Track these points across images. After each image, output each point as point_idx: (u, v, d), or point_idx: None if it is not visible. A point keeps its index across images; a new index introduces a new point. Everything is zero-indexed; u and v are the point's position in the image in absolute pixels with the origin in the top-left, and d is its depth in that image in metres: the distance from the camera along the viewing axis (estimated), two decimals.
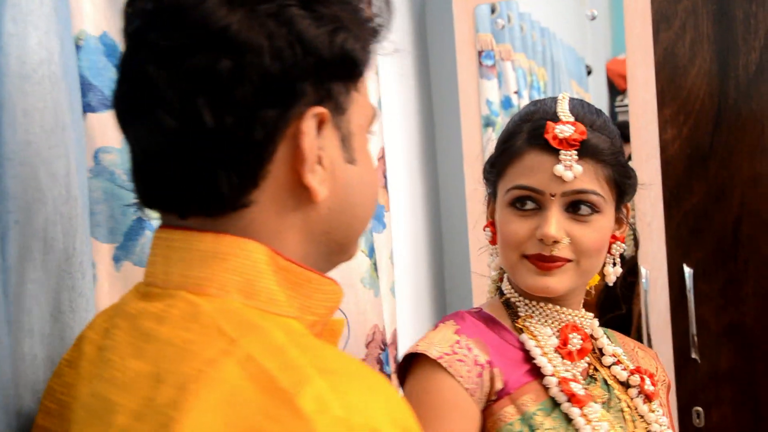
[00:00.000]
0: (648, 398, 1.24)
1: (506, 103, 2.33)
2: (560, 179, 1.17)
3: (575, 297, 1.26)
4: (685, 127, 1.94)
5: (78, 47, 0.98)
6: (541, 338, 1.23)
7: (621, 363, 1.26)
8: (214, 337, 0.68)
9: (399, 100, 2.19)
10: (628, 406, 1.24)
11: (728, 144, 1.92)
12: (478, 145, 2.18)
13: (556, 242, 1.17)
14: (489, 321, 1.27)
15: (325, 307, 0.79)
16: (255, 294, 0.74)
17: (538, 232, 1.18)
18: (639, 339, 1.95)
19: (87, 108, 0.99)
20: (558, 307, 1.24)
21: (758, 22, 1.88)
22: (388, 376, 1.51)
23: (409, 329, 2.11)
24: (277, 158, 0.74)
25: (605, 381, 1.25)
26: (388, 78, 2.09)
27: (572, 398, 1.17)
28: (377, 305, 1.49)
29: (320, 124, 0.75)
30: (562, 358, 1.22)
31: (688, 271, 1.94)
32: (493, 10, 2.29)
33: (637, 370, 1.25)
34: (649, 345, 1.96)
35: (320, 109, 0.74)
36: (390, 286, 1.65)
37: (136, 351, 0.72)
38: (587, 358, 1.25)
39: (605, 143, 1.19)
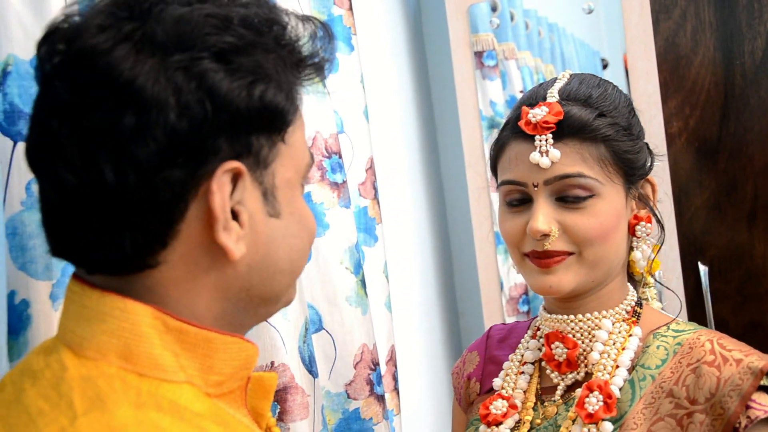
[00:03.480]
0: (591, 416, 1.07)
1: (511, 102, 2.29)
2: (539, 167, 1.08)
3: (593, 294, 1.13)
4: (691, 120, 1.87)
5: (7, 73, 0.93)
6: (521, 350, 1.21)
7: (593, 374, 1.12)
8: (63, 410, 0.65)
9: (397, 106, 2.13)
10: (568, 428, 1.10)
11: (737, 134, 1.84)
12: (478, 148, 2.11)
13: (545, 236, 1.08)
14: (521, 329, 1.26)
15: (231, 365, 0.76)
16: (134, 358, 0.70)
17: (527, 228, 1.10)
18: None
19: (18, 137, 0.93)
20: (546, 313, 1.17)
21: (762, 6, 1.80)
22: (381, 397, 1.45)
23: (416, 344, 2.05)
24: (189, 217, 0.70)
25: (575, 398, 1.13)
26: (385, 85, 2.05)
27: (484, 417, 1.16)
28: (366, 324, 1.43)
29: (236, 177, 0.71)
30: (551, 370, 1.15)
31: (702, 269, 1.87)
32: (494, 9, 2.25)
33: (587, 385, 1.09)
34: None
35: (233, 165, 0.70)
36: (384, 301, 1.58)
37: (4, 413, 0.68)
38: (585, 368, 1.13)
39: (590, 117, 1.08)
